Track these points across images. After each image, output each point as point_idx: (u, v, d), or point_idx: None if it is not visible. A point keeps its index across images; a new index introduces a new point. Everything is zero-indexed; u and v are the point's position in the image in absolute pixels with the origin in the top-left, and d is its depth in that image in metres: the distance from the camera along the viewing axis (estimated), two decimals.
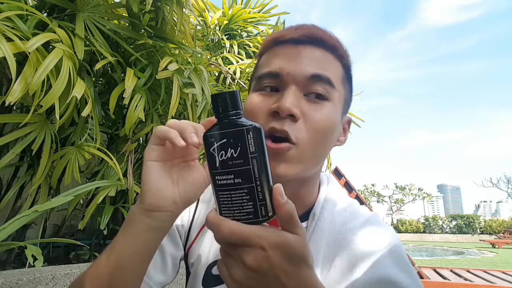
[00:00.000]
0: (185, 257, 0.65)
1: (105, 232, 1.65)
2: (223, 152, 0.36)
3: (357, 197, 4.10)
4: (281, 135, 0.51)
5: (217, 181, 0.37)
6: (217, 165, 0.36)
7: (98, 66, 1.52)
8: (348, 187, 4.25)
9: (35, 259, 1.02)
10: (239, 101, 0.38)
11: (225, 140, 0.36)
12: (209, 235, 0.63)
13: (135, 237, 0.43)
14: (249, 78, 0.65)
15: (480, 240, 18.33)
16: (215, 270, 0.59)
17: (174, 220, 0.45)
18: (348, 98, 0.61)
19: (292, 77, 0.53)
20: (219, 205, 0.37)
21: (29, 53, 1.14)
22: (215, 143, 0.37)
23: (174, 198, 0.43)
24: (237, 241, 0.35)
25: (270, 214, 0.36)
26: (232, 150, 0.36)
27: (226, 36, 3.40)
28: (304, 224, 0.59)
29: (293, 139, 0.51)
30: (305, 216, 0.60)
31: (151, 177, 0.43)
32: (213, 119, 0.40)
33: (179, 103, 1.85)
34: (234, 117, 0.37)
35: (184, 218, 0.66)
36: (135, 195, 1.80)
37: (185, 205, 0.45)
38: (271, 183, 0.37)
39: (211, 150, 0.37)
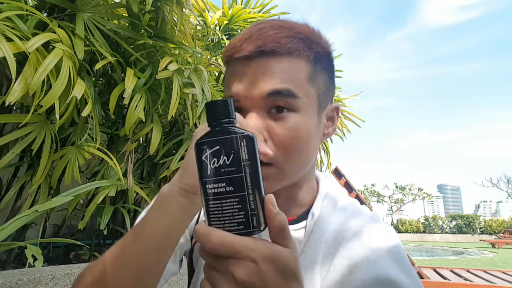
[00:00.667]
0: (191, 252, 0.65)
1: (105, 232, 1.65)
2: (216, 159, 0.35)
3: (357, 197, 4.10)
4: None
5: (207, 190, 0.35)
6: (209, 172, 0.35)
7: (98, 66, 1.52)
8: (348, 187, 4.25)
9: (35, 259, 1.02)
10: (233, 110, 0.37)
11: (218, 147, 0.35)
12: None
13: (169, 217, 0.43)
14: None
15: (480, 240, 18.34)
16: None
17: None
18: (324, 88, 0.57)
19: (250, 101, 0.52)
20: (209, 215, 0.36)
21: (29, 53, 1.14)
22: (207, 150, 0.36)
23: None
24: (226, 252, 0.33)
25: (262, 227, 0.35)
26: (225, 157, 0.35)
27: (226, 36, 3.40)
28: (303, 223, 0.59)
29: (266, 161, 0.50)
30: (304, 215, 0.59)
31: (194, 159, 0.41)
32: None
33: (179, 103, 1.85)
34: (227, 125, 0.37)
35: None
36: (135, 195, 1.80)
37: None
38: (263, 194, 0.36)
39: (203, 157, 0.36)
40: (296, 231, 0.58)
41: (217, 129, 0.37)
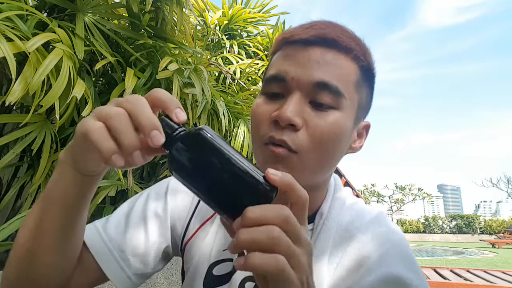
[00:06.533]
0: (182, 252, 0.63)
1: None
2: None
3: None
4: (279, 143, 0.49)
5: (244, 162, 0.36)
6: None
7: (98, 66, 1.52)
8: (348, 187, 4.25)
9: None
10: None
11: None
12: (212, 232, 0.61)
13: (64, 188, 0.41)
14: (262, 77, 0.64)
15: (480, 240, 18.34)
16: (216, 271, 0.58)
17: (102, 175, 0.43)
18: (365, 102, 0.56)
19: (297, 82, 0.50)
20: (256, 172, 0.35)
21: (29, 53, 1.14)
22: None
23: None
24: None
25: None
26: None
27: (226, 36, 3.40)
28: (310, 226, 0.58)
29: (292, 147, 0.48)
30: (312, 217, 0.59)
31: (84, 154, 0.38)
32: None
33: None
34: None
35: (181, 212, 0.63)
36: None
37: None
38: None
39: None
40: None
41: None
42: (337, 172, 4.31)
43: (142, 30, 1.82)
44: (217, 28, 3.35)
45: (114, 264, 0.55)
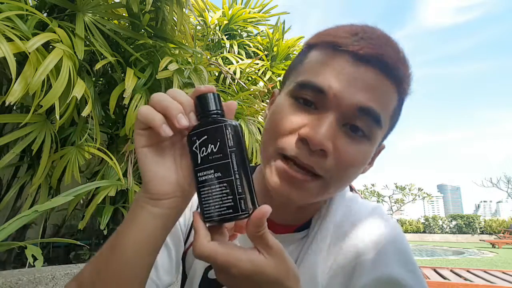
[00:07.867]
0: (183, 258, 0.63)
1: (105, 232, 1.65)
2: (204, 148, 0.37)
3: None
4: (305, 167, 0.46)
5: (199, 178, 0.37)
6: (199, 161, 0.37)
7: (98, 66, 1.52)
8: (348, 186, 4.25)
9: (35, 259, 1.02)
10: (220, 102, 0.40)
11: (205, 136, 0.37)
12: None
13: (142, 227, 0.39)
14: (284, 72, 0.57)
15: (480, 240, 18.33)
16: (211, 274, 0.58)
17: (184, 205, 0.42)
18: (391, 128, 0.54)
19: (338, 101, 0.45)
20: (201, 202, 0.38)
21: (29, 53, 1.14)
22: (197, 141, 0.38)
23: (180, 182, 0.40)
24: (211, 263, 0.36)
25: (250, 209, 0.36)
26: (212, 146, 0.37)
27: (226, 36, 3.40)
28: (304, 232, 0.57)
29: (319, 172, 0.46)
30: (308, 223, 0.58)
31: (149, 165, 0.39)
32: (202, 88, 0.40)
33: None
34: (214, 115, 0.39)
35: (186, 215, 0.64)
36: (135, 195, 1.80)
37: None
38: (251, 178, 0.38)
39: (193, 148, 0.38)
40: (304, 238, 0.57)
41: (205, 120, 0.39)
42: None
43: (142, 30, 1.82)
44: (217, 28, 3.35)
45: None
